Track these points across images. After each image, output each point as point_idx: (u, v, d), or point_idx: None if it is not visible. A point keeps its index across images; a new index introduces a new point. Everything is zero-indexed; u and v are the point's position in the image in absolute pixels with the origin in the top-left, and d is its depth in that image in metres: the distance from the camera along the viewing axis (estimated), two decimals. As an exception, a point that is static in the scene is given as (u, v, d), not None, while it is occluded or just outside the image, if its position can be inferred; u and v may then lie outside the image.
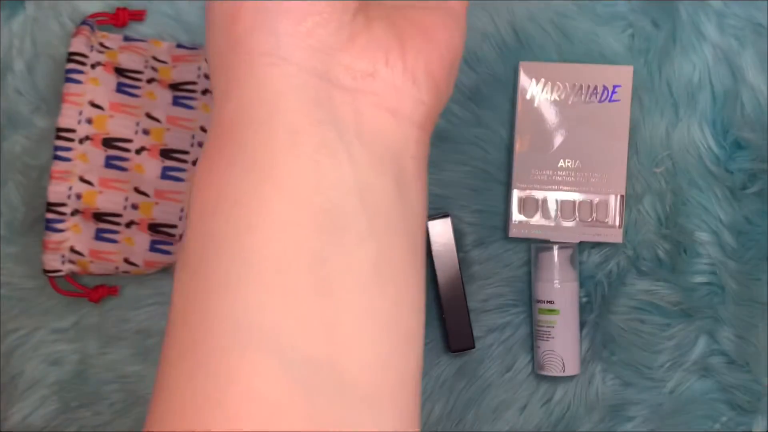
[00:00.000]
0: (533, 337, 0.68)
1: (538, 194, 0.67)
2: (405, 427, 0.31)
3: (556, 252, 0.66)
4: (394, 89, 0.33)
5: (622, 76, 0.66)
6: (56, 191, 0.62)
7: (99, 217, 0.63)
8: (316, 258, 0.30)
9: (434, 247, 0.66)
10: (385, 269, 0.32)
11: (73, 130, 0.63)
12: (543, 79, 0.67)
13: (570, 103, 0.67)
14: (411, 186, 0.33)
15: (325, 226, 0.31)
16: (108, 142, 0.63)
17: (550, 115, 0.67)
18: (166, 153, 0.64)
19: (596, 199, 0.67)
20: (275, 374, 0.29)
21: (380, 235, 0.32)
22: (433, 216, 0.66)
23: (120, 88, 0.64)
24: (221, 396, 0.28)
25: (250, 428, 0.28)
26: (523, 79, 0.67)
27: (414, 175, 0.34)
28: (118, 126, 0.63)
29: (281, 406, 0.28)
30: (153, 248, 0.64)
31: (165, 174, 0.64)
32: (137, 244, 0.64)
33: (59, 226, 0.63)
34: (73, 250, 0.63)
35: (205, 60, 0.65)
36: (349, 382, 0.30)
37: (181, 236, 0.63)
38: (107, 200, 0.63)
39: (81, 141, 0.63)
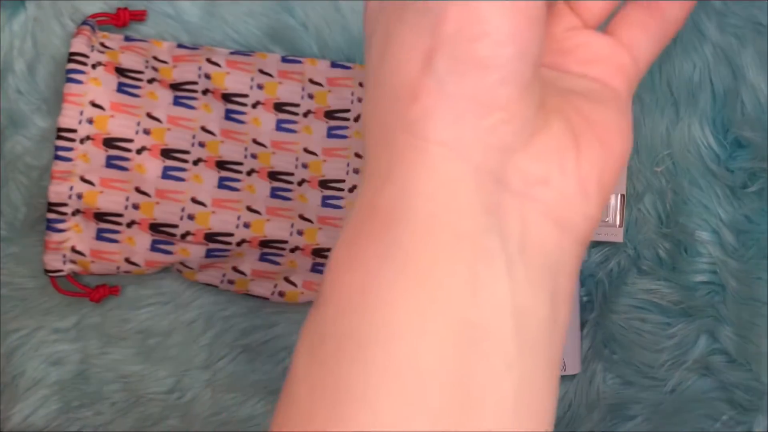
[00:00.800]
0: (534, 336, 0.68)
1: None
2: None
3: (556, 251, 0.66)
4: (564, 200, 0.30)
5: (623, 75, 0.67)
6: (57, 191, 0.62)
7: (100, 217, 0.63)
8: (459, 379, 0.27)
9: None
10: (525, 401, 0.29)
11: (74, 130, 0.63)
12: (543, 79, 0.67)
13: (570, 102, 0.67)
14: (562, 306, 0.30)
15: (474, 345, 0.28)
16: (109, 142, 0.63)
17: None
18: (167, 153, 0.64)
19: (597, 199, 0.67)
20: None
21: (527, 361, 0.29)
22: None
23: (121, 88, 0.64)
24: None
25: None
26: (524, 79, 0.67)
27: (567, 295, 0.31)
28: (119, 126, 0.64)
29: None
30: (154, 248, 0.64)
31: (166, 174, 0.64)
32: (138, 244, 0.64)
33: (60, 226, 0.63)
34: (74, 250, 0.63)
35: (207, 60, 0.65)
36: None
37: (183, 236, 0.64)
38: (108, 200, 0.63)
39: (82, 141, 0.63)
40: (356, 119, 0.66)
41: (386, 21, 0.30)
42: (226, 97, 0.65)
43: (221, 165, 0.64)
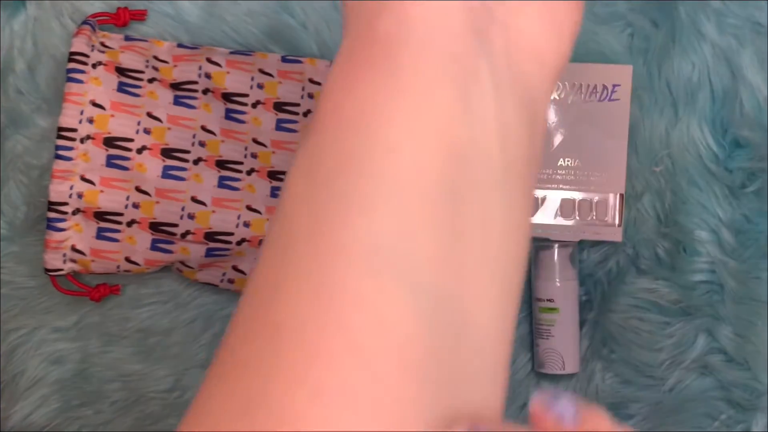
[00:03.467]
0: (533, 335, 0.68)
1: (538, 193, 0.67)
2: (503, 387, 0.31)
3: (556, 250, 0.67)
4: (540, 32, 0.32)
5: (622, 75, 0.67)
6: (58, 190, 0.63)
7: (100, 216, 0.63)
8: (454, 191, 0.29)
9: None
10: (510, 218, 0.31)
11: (74, 130, 0.63)
12: (543, 79, 0.67)
13: (569, 102, 0.67)
14: (538, 132, 0.33)
15: (466, 160, 0.30)
16: (109, 142, 0.63)
17: (550, 113, 0.67)
18: (167, 152, 0.64)
19: (596, 198, 0.67)
20: (406, 306, 0.28)
21: (511, 181, 0.31)
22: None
23: (121, 88, 0.64)
24: (348, 321, 0.27)
25: (374, 356, 0.27)
26: (523, 79, 0.67)
27: (542, 123, 0.33)
28: (120, 125, 0.64)
29: (407, 340, 0.28)
30: (154, 247, 0.64)
31: (166, 173, 0.64)
32: (138, 243, 0.64)
33: (61, 225, 0.63)
34: (74, 249, 0.63)
35: (207, 59, 0.65)
36: (468, 327, 0.29)
37: (183, 235, 0.64)
38: (108, 199, 0.63)
39: (82, 140, 0.63)
40: (356, 119, 0.66)
41: None
42: (227, 97, 0.65)
43: (221, 164, 0.65)
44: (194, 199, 0.64)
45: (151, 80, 0.65)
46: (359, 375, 0.27)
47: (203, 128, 0.65)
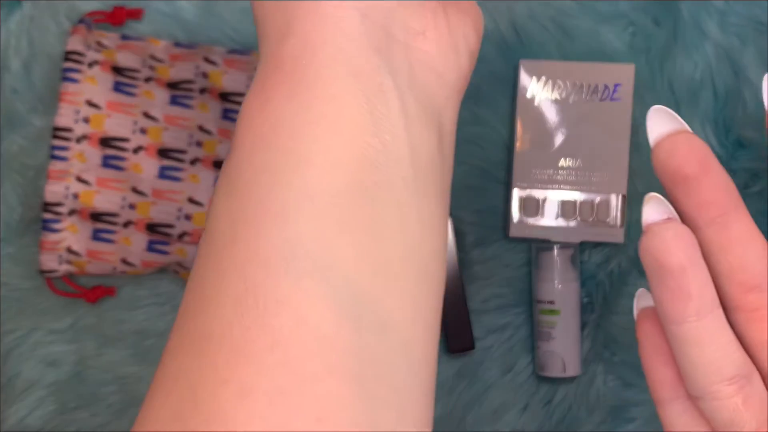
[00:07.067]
0: (534, 337, 0.68)
1: (539, 193, 0.67)
2: (430, 383, 0.32)
3: (556, 252, 0.66)
4: (440, 52, 0.35)
5: (624, 74, 0.66)
6: (53, 191, 0.62)
7: (96, 217, 0.63)
8: (368, 194, 0.31)
9: (434, 247, 0.66)
10: (425, 220, 0.33)
11: (70, 130, 0.62)
12: (543, 78, 0.66)
13: (571, 101, 0.66)
14: (447, 144, 0.35)
15: (377, 165, 0.32)
16: (105, 142, 0.63)
17: (551, 113, 0.66)
18: (163, 152, 0.64)
19: (597, 199, 0.66)
20: (326, 305, 0.29)
21: (423, 185, 0.33)
22: (432, 216, 0.66)
23: (117, 87, 0.64)
24: (270, 322, 0.29)
25: (297, 356, 0.28)
26: (524, 78, 0.66)
27: (449, 135, 0.36)
28: (116, 125, 0.63)
29: (329, 338, 0.29)
30: (150, 248, 0.64)
31: (162, 173, 0.63)
32: (134, 244, 0.63)
33: (56, 226, 0.62)
34: (70, 250, 0.63)
35: (204, 58, 0.65)
36: (390, 324, 0.30)
37: (180, 236, 0.63)
38: (104, 200, 0.63)
39: (78, 140, 0.63)
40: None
41: None
42: (224, 96, 0.64)
43: (218, 164, 0.64)
44: (191, 200, 0.63)
45: (147, 79, 0.64)
46: (283, 374, 0.28)
47: (200, 128, 0.64)
